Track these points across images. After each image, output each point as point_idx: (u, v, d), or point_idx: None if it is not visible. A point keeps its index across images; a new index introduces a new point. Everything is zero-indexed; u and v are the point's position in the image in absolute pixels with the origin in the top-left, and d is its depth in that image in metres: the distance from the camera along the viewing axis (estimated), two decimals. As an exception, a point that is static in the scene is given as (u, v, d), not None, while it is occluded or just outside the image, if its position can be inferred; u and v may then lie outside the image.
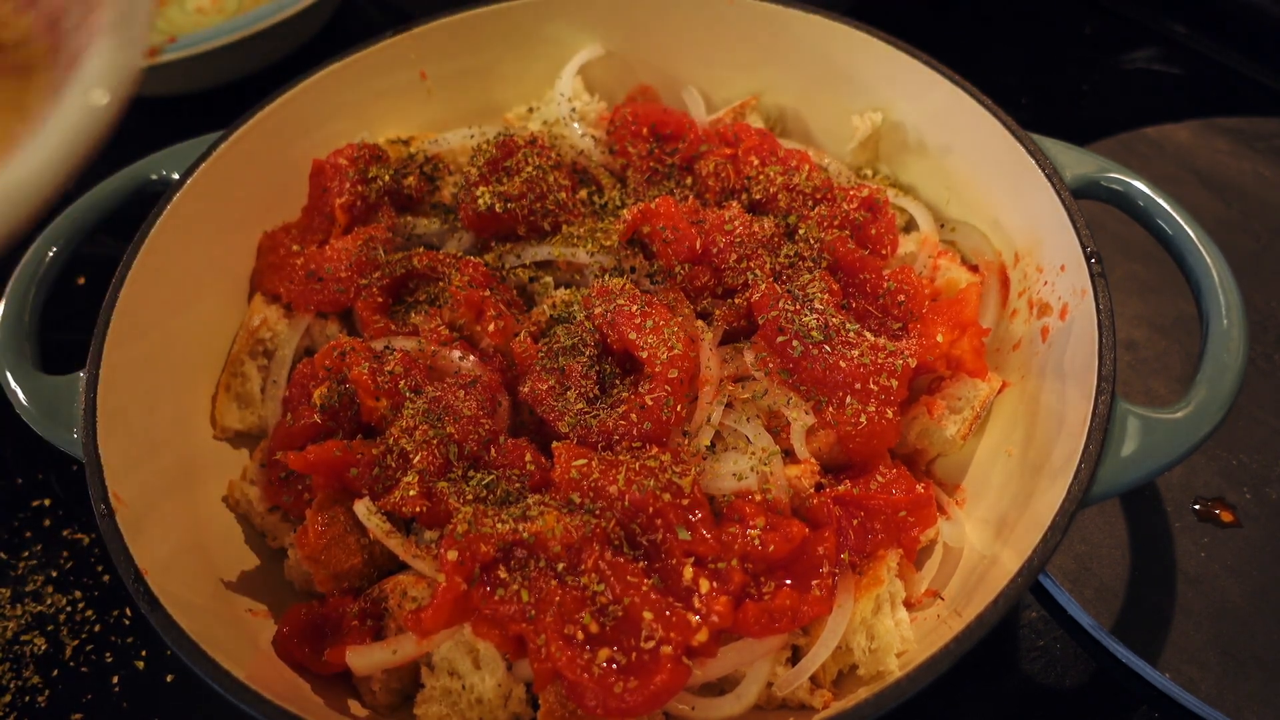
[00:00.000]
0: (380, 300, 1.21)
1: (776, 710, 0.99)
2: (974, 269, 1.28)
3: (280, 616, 1.05)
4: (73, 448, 1.04)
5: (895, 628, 0.99)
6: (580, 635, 0.89)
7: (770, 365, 1.09)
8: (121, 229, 1.23)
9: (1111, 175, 1.13)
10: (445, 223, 1.32)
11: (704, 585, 0.93)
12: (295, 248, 1.29)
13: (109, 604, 1.29)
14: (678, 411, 1.03)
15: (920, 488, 1.05)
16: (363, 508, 1.02)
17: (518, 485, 1.02)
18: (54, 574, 1.32)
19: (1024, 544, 0.92)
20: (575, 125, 1.38)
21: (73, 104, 0.62)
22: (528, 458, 1.04)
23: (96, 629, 1.26)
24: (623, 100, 1.50)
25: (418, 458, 1.03)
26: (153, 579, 0.94)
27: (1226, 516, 1.24)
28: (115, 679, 1.22)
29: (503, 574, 0.93)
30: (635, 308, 1.08)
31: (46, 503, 1.40)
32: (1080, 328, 1.05)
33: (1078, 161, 1.15)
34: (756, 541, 0.96)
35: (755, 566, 0.97)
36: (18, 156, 0.60)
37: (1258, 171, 1.63)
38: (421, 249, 1.26)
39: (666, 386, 1.03)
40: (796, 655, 1.00)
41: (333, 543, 1.03)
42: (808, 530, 0.99)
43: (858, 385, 1.04)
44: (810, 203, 1.25)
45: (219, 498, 1.18)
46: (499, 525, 0.93)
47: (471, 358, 1.13)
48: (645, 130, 1.36)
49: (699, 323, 1.13)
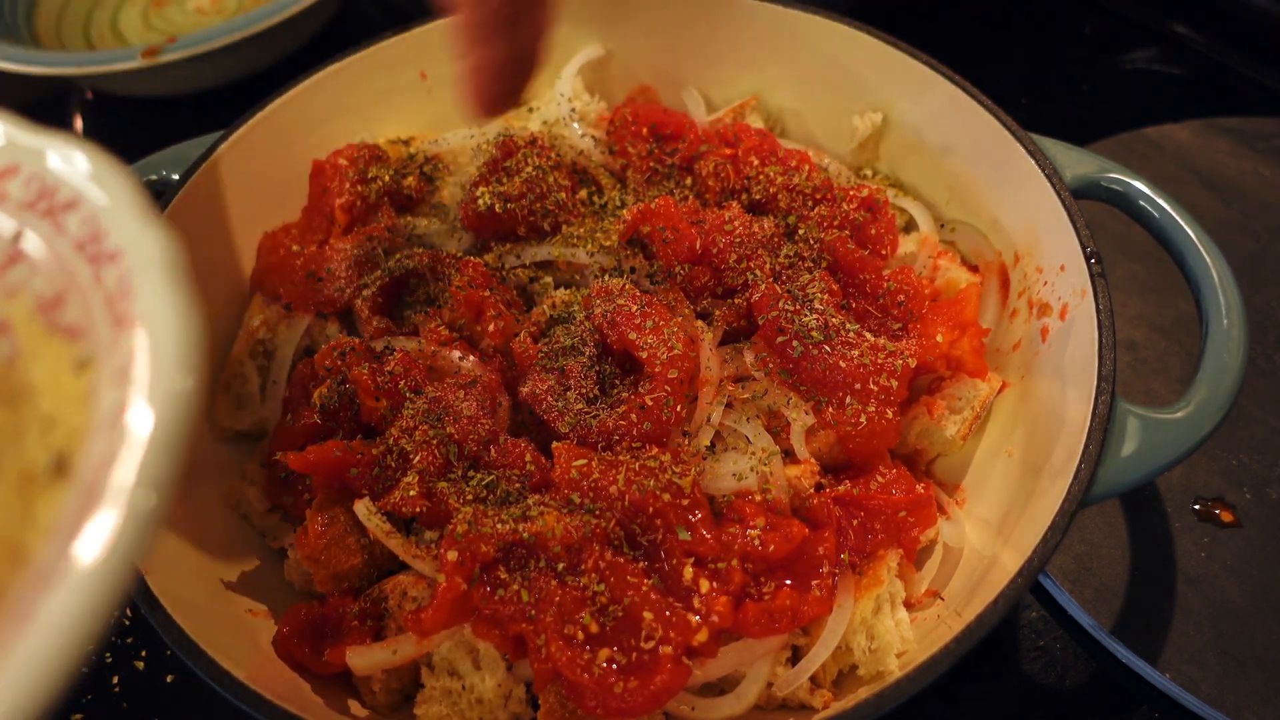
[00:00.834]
0: (380, 300, 1.21)
1: (776, 710, 0.99)
2: (974, 269, 1.28)
3: (280, 616, 1.05)
4: (73, 448, 1.04)
5: (895, 628, 0.99)
6: (580, 635, 0.89)
7: (770, 365, 1.09)
8: (121, 229, 1.23)
9: (1111, 175, 1.13)
10: (445, 223, 1.32)
11: (704, 585, 0.93)
12: (295, 248, 1.29)
13: (109, 604, 1.28)
14: (678, 411, 1.03)
15: (920, 488, 1.05)
16: (363, 508, 1.02)
17: (518, 485, 1.02)
18: (54, 574, 1.31)
19: (1024, 544, 0.92)
20: (575, 125, 1.38)
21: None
22: (528, 458, 1.04)
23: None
24: (623, 100, 1.50)
25: (418, 458, 1.03)
26: (153, 579, 0.94)
27: (1226, 516, 1.24)
28: (115, 679, 1.22)
29: (503, 574, 0.93)
30: (635, 308, 1.08)
31: (46, 503, 1.39)
32: (1080, 328, 1.05)
33: (1078, 161, 1.15)
34: (756, 541, 0.96)
35: (755, 566, 0.97)
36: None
37: (1258, 171, 1.63)
38: (421, 249, 1.25)
39: (666, 386, 1.03)
40: (796, 655, 1.00)
41: (333, 543, 1.03)
42: (808, 530, 0.99)
43: (858, 385, 1.04)
44: (810, 203, 1.25)
45: (219, 498, 1.18)
46: (499, 525, 0.93)
47: (471, 358, 1.13)
48: (645, 130, 1.36)
49: (699, 323, 1.13)
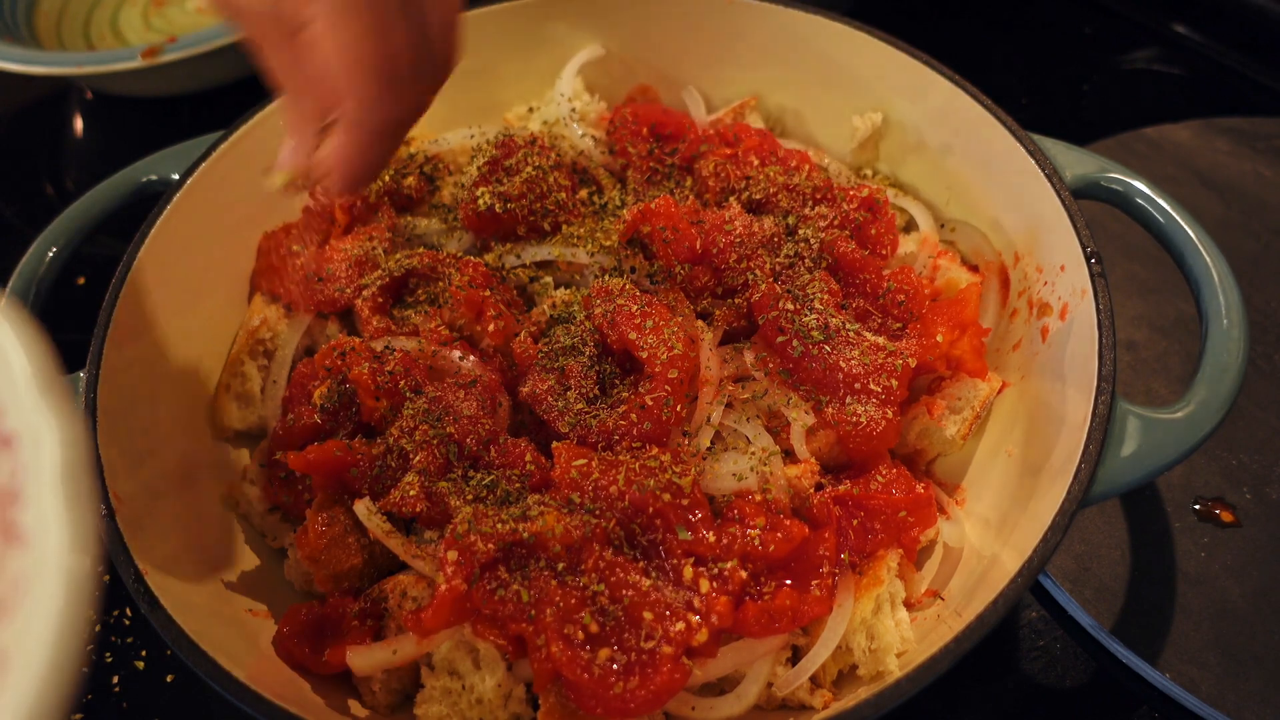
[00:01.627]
0: (380, 300, 1.21)
1: (776, 710, 0.99)
2: (974, 269, 1.28)
3: (280, 616, 1.05)
4: (73, 448, 1.04)
5: (895, 628, 0.99)
6: (580, 635, 0.89)
7: (770, 365, 1.09)
8: (121, 229, 1.23)
9: (1111, 175, 1.13)
10: (445, 223, 1.32)
11: (704, 585, 0.93)
12: (295, 248, 1.29)
13: (109, 604, 1.28)
14: (678, 411, 1.03)
15: (920, 488, 1.05)
16: (363, 508, 1.02)
17: (518, 485, 1.02)
18: (54, 574, 1.31)
19: (1024, 544, 0.92)
20: (575, 125, 1.38)
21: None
22: (528, 458, 1.04)
23: (96, 629, 1.26)
24: (623, 100, 1.50)
25: (418, 458, 1.03)
26: (153, 579, 0.94)
27: (1226, 516, 1.24)
28: (115, 679, 1.22)
29: (503, 574, 0.93)
30: (635, 308, 1.08)
31: (46, 503, 1.39)
32: (1080, 328, 1.05)
33: (1078, 161, 1.15)
34: (756, 541, 0.96)
35: (755, 566, 0.97)
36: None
37: (1258, 171, 1.63)
38: (421, 249, 1.26)
39: (666, 386, 1.03)
40: (796, 655, 1.00)
41: (333, 543, 1.03)
42: (808, 530, 0.99)
43: (858, 385, 1.04)
44: (810, 203, 1.25)
45: (219, 498, 1.18)
46: (499, 525, 0.93)
47: (471, 358, 1.13)
48: (645, 130, 1.36)
49: (699, 323, 1.13)
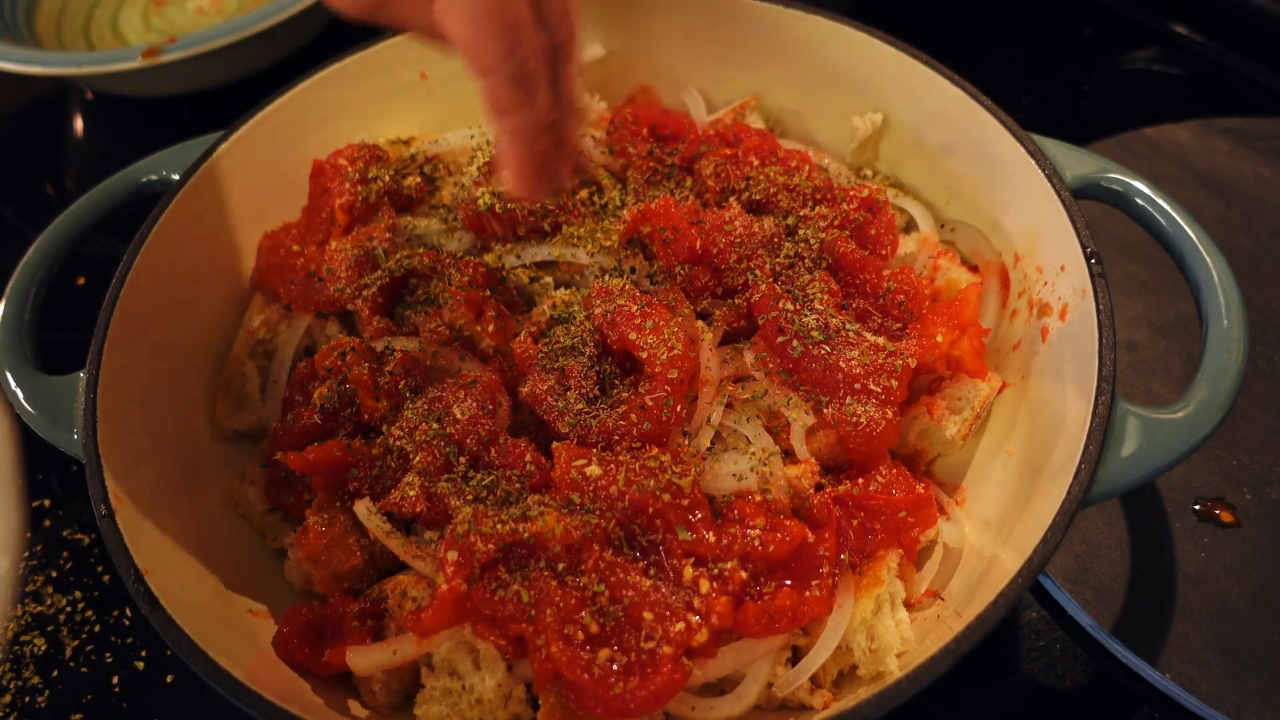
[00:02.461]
0: (380, 300, 1.21)
1: (776, 710, 0.99)
2: (974, 269, 1.28)
3: (280, 617, 1.05)
4: (73, 448, 1.04)
5: (895, 628, 0.99)
6: (580, 635, 0.89)
7: (770, 365, 1.09)
8: (121, 229, 1.23)
9: (1111, 175, 1.13)
10: (445, 223, 1.32)
11: (704, 585, 0.93)
12: (295, 248, 1.29)
13: (109, 604, 1.29)
14: (678, 412, 1.03)
15: (920, 488, 1.05)
16: (363, 508, 1.02)
17: (518, 485, 1.02)
18: (54, 574, 1.32)
19: (1024, 544, 0.92)
20: (575, 125, 1.38)
21: None
22: (528, 458, 1.04)
23: (96, 629, 1.26)
24: (623, 100, 1.50)
25: (418, 458, 1.03)
26: (153, 579, 0.94)
27: (1226, 516, 1.24)
28: (115, 679, 1.22)
29: (503, 574, 0.92)
30: (635, 308, 1.08)
31: (46, 503, 1.40)
32: (1080, 328, 1.05)
33: (1078, 161, 1.15)
34: (756, 542, 0.96)
35: (755, 567, 0.97)
36: None
37: (1258, 171, 1.63)
38: (421, 249, 1.26)
39: (666, 387, 1.03)
40: (796, 655, 1.00)
41: (333, 543, 1.03)
42: (808, 530, 0.99)
43: (858, 385, 1.04)
44: (810, 203, 1.25)
45: (219, 498, 1.18)
46: (499, 525, 0.93)
47: (472, 358, 1.13)
48: (645, 130, 1.36)
49: (699, 323, 1.13)
